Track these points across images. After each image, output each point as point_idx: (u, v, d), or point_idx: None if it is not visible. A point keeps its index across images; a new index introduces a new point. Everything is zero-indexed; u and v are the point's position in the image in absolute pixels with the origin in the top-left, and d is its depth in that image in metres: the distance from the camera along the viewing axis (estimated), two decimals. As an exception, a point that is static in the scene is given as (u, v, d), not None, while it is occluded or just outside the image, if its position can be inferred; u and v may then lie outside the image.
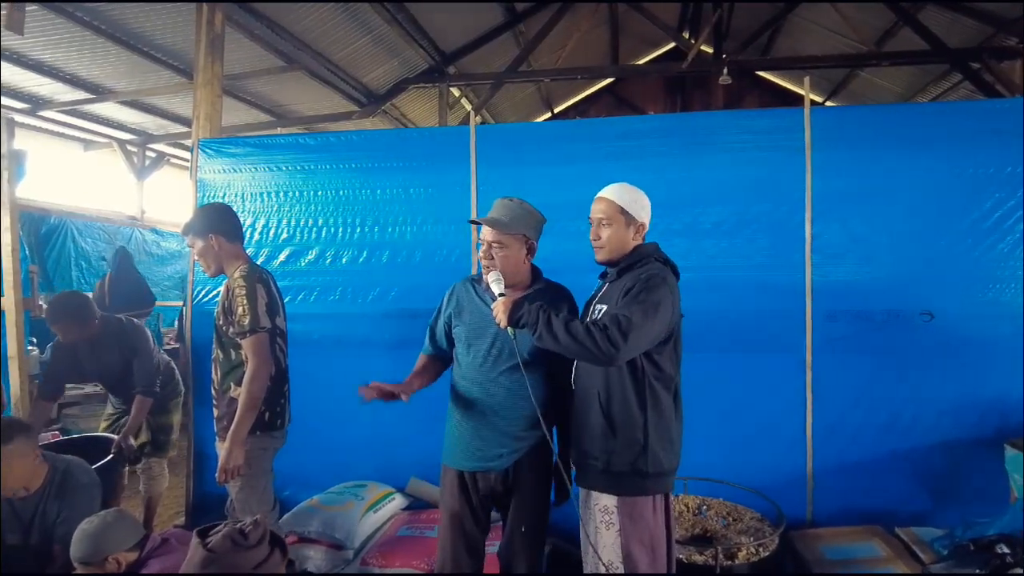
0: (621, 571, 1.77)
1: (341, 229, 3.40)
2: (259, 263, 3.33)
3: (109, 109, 7.28)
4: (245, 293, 2.33)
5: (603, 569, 1.79)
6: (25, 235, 6.74)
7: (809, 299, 2.98)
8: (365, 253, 3.38)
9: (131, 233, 8.25)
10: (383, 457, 3.34)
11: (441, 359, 2.16)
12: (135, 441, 3.20)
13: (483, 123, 3.62)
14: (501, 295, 1.88)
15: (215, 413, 2.46)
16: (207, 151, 3.54)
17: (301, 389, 2.66)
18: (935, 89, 7.89)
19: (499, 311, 1.84)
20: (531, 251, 2.02)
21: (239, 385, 2.32)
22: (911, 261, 2.94)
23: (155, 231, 8.56)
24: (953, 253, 2.91)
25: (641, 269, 1.86)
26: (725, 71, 6.79)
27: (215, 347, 2.46)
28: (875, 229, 2.97)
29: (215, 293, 3.45)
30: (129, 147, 8.40)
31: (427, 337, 2.19)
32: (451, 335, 2.11)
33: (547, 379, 2.05)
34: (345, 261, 3.39)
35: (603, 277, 2.03)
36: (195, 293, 3.52)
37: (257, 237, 3.47)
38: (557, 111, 11.86)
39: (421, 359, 2.18)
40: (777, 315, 3.00)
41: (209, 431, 2.69)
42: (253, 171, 3.49)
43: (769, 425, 3.01)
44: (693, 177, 3.08)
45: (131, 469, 3.32)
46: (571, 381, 1.97)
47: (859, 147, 2.99)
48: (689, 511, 2.83)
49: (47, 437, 4.06)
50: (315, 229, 3.42)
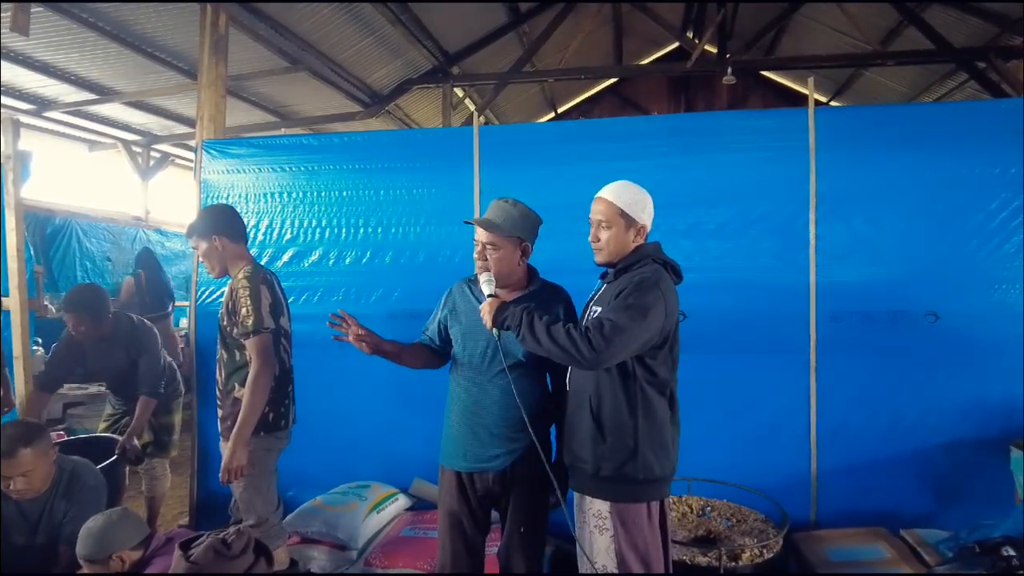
0: None
1: (344, 230, 3.40)
2: (263, 264, 3.35)
3: (114, 110, 7.30)
4: (249, 294, 2.33)
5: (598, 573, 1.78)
6: (30, 235, 6.74)
7: (813, 300, 2.96)
8: (368, 254, 3.37)
9: (135, 233, 8.26)
10: (387, 457, 3.34)
11: (430, 348, 2.15)
12: (138, 441, 3.21)
13: (487, 123, 3.61)
14: (490, 296, 1.88)
15: (219, 413, 2.46)
16: (211, 152, 3.55)
17: (304, 389, 2.67)
18: (940, 89, 7.85)
19: (485, 312, 1.84)
20: (525, 253, 2.01)
21: (243, 385, 2.32)
22: (916, 262, 2.92)
23: (159, 231, 8.57)
24: (958, 254, 2.89)
25: (636, 271, 1.81)
26: (729, 71, 6.77)
27: (219, 347, 2.46)
28: (880, 230, 2.95)
29: (219, 294, 3.45)
30: (134, 148, 8.42)
31: (422, 331, 2.20)
32: (446, 335, 2.11)
33: (541, 380, 2.04)
34: (348, 262, 3.39)
35: (603, 278, 2.00)
36: (199, 294, 3.52)
37: (261, 238, 3.48)
38: (561, 111, 11.85)
39: (415, 341, 2.18)
40: (781, 316, 2.99)
41: (213, 431, 2.69)
42: (257, 172, 3.49)
43: (773, 426, 2.99)
44: (697, 178, 3.07)
45: (133, 469, 3.32)
46: (566, 382, 1.96)
47: (864, 147, 2.97)
48: (693, 512, 2.82)
49: (52, 437, 4.05)
50: (318, 230, 3.42)
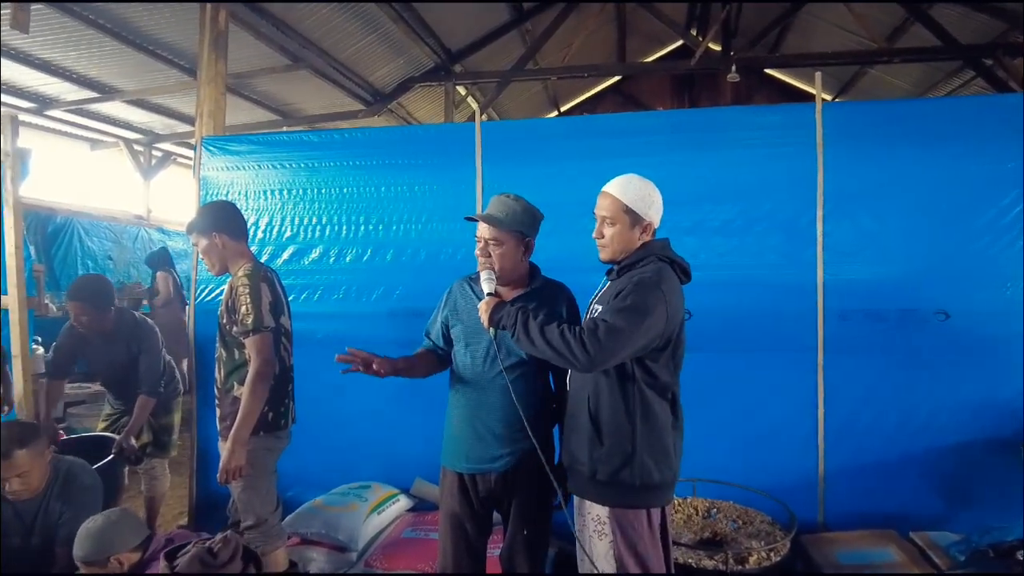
0: None
1: (345, 227, 3.36)
2: (263, 262, 3.32)
3: (116, 108, 7.29)
4: (249, 292, 2.30)
5: None
6: (32, 234, 6.75)
7: (821, 298, 2.92)
8: (369, 251, 3.34)
9: (137, 232, 8.27)
10: (388, 457, 3.31)
11: (436, 354, 2.11)
12: (137, 441, 3.18)
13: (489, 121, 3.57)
14: (489, 294, 1.85)
15: (218, 413, 2.43)
16: (210, 149, 3.51)
17: (305, 388, 2.64)
18: (946, 86, 7.79)
19: (482, 311, 1.82)
20: (528, 249, 1.97)
21: (242, 385, 2.30)
22: (926, 259, 2.87)
23: (161, 230, 8.57)
24: (969, 250, 2.84)
25: (639, 270, 1.75)
26: (733, 68, 6.74)
27: (218, 346, 2.43)
28: (888, 226, 2.91)
29: (219, 292, 3.42)
30: (136, 146, 8.42)
31: (424, 333, 2.16)
32: (448, 335, 2.07)
33: (543, 380, 2.01)
34: (349, 260, 3.35)
35: (608, 275, 1.95)
36: (199, 292, 3.49)
37: (261, 235, 3.44)
38: (564, 110, 11.82)
39: (419, 350, 2.14)
40: (788, 314, 2.94)
41: (213, 431, 2.66)
42: (257, 169, 3.46)
43: (780, 426, 2.95)
44: (702, 174, 3.03)
45: (132, 469, 3.29)
46: (567, 381, 1.92)
47: (872, 143, 2.93)
48: (698, 514, 2.78)
49: (47, 437, 4.03)
50: (319, 227, 3.39)
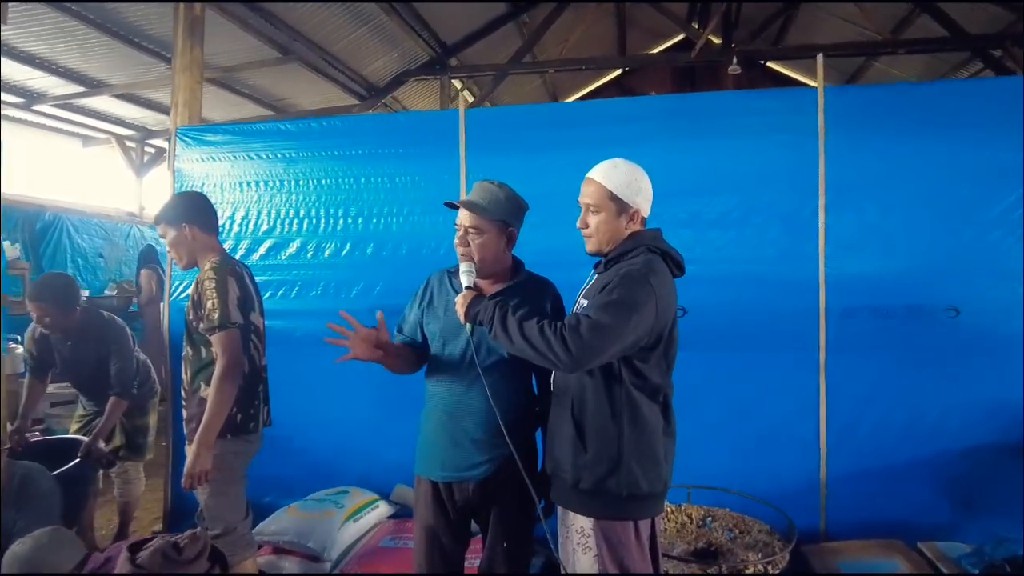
0: None
1: (323, 220, 3.24)
2: (238, 257, 3.19)
3: (107, 104, 7.20)
4: (215, 286, 2.19)
5: None
6: (19, 232, 6.68)
7: (823, 294, 2.81)
8: (348, 245, 3.22)
9: (129, 230, 8.19)
10: (369, 462, 3.18)
11: (414, 349, 1.94)
12: (109, 444, 3.06)
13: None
14: (468, 288, 1.72)
15: (184, 415, 2.32)
16: (185, 139, 3.39)
17: (282, 390, 2.53)
18: (953, 78, 7.64)
19: (459, 305, 1.70)
20: (511, 239, 1.83)
21: (209, 385, 2.18)
22: (935, 253, 2.75)
23: (153, 228, 8.47)
24: (981, 244, 2.71)
25: (627, 261, 1.62)
26: (735, 61, 6.60)
27: (185, 344, 2.32)
28: (895, 218, 2.79)
29: (196, 288, 3.30)
30: (128, 143, 8.34)
31: (396, 328, 1.98)
32: (424, 330, 1.91)
33: (526, 381, 1.87)
34: (328, 254, 3.23)
35: (596, 268, 1.81)
36: (173, 288, 3.37)
37: (236, 229, 3.33)
38: (563, 105, 11.71)
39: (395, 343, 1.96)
40: (788, 311, 2.83)
41: (186, 433, 2.55)
42: (232, 160, 3.34)
43: (779, 429, 2.84)
44: (698, 163, 2.91)
45: (105, 473, 3.17)
46: (551, 381, 1.78)
47: (878, 130, 2.80)
48: (692, 523, 2.67)
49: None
50: (296, 220, 3.27)
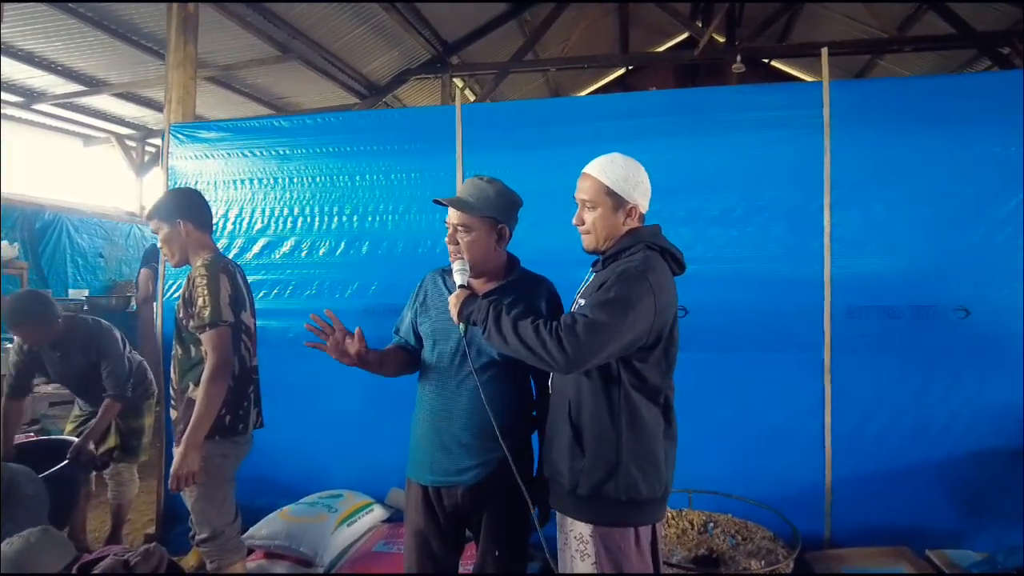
0: None
1: (318, 218, 3.18)
2: (231, 256, 3.15)
3: (108, 103, 7.19)
4: (207, 283, 2.16)
5: None
6: (19, 231, 6.66)
7: (828, 293, 2.74)
8: (343, 244, 3.16)
9: (130, 229, 8.17)
10: (364, 465, 3.12)
11: (408, 351, 1.91)
12: (104, 445, 3.02)
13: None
14: (461, 287, 1.67)
15: (173, 415, 2.28)
16: (178, 136, 3.33)
17: (276, 390, 2.48)
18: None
19: (452, 304, 1.65)
20: (502, 237, 1.77)
21: (198, 385, 2.13)
22: (943, 251, 2.68)
23: (154, 228, 8.46)
24: (991, 242, 2.64)
25: (624, 259, 1.58)
26: (738, 58, 6.54)
27: (175, 343, 2.29)
28: (902, 216, 2.72)
29: (190, 286, 3.25)
30: (128, 142, 8.33)
31: (393, 330, 1.96)
32: (419, 332, 1.87)
33: (521, 382, 1.81)
34: (322, 253, 3.18)
35: (594, 266, 1.75)
36: (166, 287, 3.32)
37: (230, 227, 3.27)
38: (566, 105, 11.63)
39: (390, 346, 1.94)
40: (792, 311, 2.77)
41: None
42: (226, 157, 3.28)
43: (783, 432, 2.77)
44: (699, 159, 2.84)
45: (99, 475, 3.13)
46: (549, 383, 1.72)
47: (884, 125, 2.73)
48: (693, 528, 2.60)
49: (20, 438, 3.89)
50: (290, 219, 3.21)
